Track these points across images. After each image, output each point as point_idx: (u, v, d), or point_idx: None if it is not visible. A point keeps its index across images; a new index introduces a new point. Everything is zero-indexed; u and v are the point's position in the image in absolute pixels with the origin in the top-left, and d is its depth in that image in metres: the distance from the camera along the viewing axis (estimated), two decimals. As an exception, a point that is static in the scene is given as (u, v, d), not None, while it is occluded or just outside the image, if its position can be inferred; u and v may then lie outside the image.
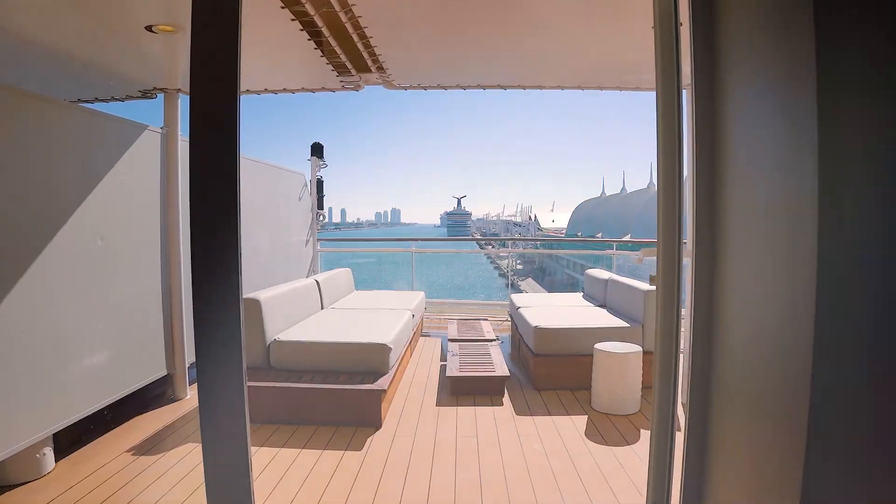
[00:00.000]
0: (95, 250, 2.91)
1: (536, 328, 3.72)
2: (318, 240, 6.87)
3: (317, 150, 6.84)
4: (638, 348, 3.33)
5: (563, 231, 66.74)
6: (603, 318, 4.02)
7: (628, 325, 3.77)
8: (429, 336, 5.54)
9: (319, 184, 6.83)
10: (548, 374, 3.72)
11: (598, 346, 3.38)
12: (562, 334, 3.71)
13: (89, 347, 2.85)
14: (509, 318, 5.96)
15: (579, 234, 57.68)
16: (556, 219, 78.62)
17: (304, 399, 3.10)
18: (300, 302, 4.05)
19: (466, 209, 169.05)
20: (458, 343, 4.48)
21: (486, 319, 5.57)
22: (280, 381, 3.20)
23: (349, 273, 5.77)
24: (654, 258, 1.71)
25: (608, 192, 64.13)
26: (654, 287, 3.66)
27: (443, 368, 4.25)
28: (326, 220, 6.84)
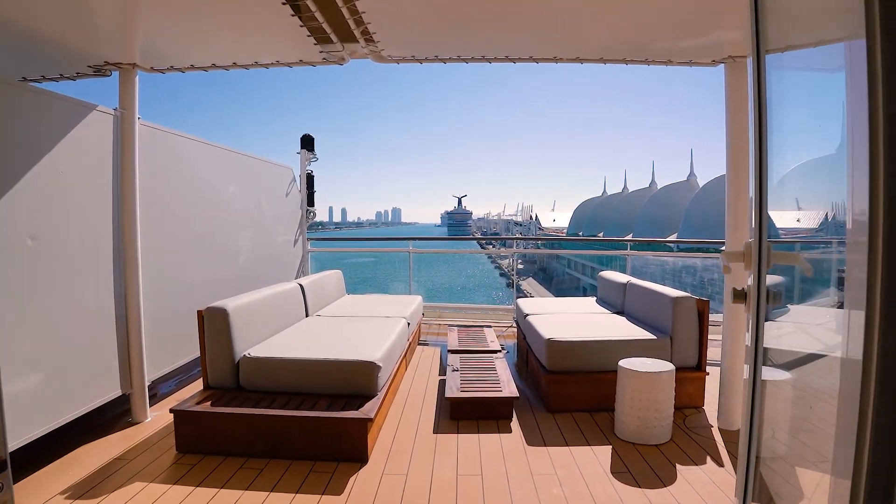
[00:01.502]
0: (23, 252, 2.42)
1: (549, 341, 3.23)
2: (309, 239, 6.39)
3: (307, 142, 6.35)
4: (670, 366, 2.83)
5: (565, 230, 66.12)
6: (624, 329, 3.52)
7: (654, 338, 3.27)
8: (427, 344, 5.04)
9: (310, 179, 6.34)
10: (562, 393, 3.22)
11: (622, 363, 2.89)
12: (579, 348, 3.22)
13: (14, 369, 2.36)
14: (515, 325, 5.47)
15: (580, 233, 57.09)
16: (557, 218, 78.00)
17: (275, 428, 2.61)
18: (280, 310, 3.56)
19: (467, 208, 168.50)
20: (458, 355, 3.98)
21: (490, 326, 5.08)
22: (248, 405, 2.71)
23: (339, 275, 5.27)
24: (738, 264, 1.21)
25: (610, 192, 63.62)
26: (685, 294, 3.16)
27: (441, 384, 3.76)
28: (316, 217, 6.35)
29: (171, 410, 2.71)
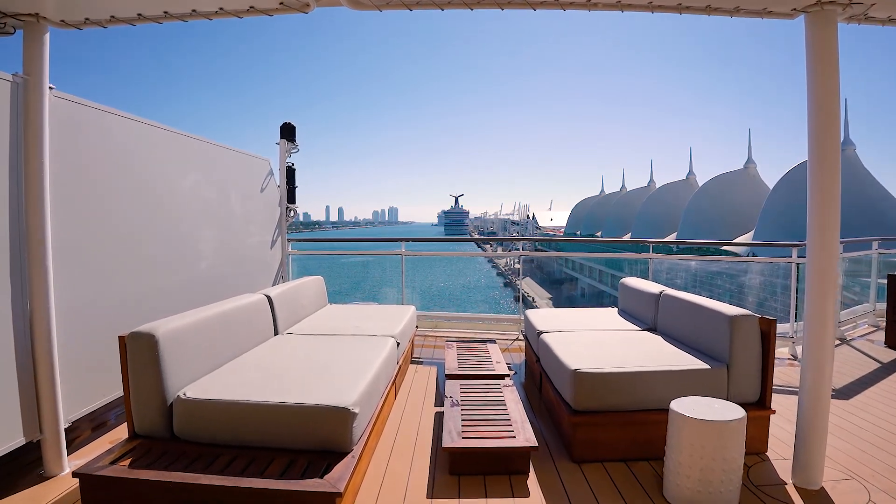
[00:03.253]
0: None
1: (577, 373, 2.54)
2: (289, 240, 5.68)
3: (287, 131, 5.64)
4: (739, 411, 2.15)
5: (562, 230, 65.37)
6: (667, 355, 2.83)
7: (708, 367, 2.59)
8: (420, 363, 4.35)
9: (290, 172, 5.63)
10: (592, 439, 2.54)
11: (675, 405, 2.21)
12: (613, 381, 2.53)
13: None
14: (522, 338, 4.79)
15: (578, 232, 56.36)
16: (554, 217, 77.32)
17: (212, 500, 1.92)
18: (237, 330, 2.85)
19: (464, 208, 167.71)
20: (458, 381, 3.29)
21: (494, 341, 4.39)
22: (179, 465, 2.01)
23: (320, 283, 4.57)
24: None
25: (608, 191, 62.80)
26: (744, 311, 2.48)
27: (438, 419, 3.08)
28: (297, 216, 5.65)
29: (75, 474, 2.01)
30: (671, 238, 35.58)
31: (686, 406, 2.18)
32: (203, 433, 2.18)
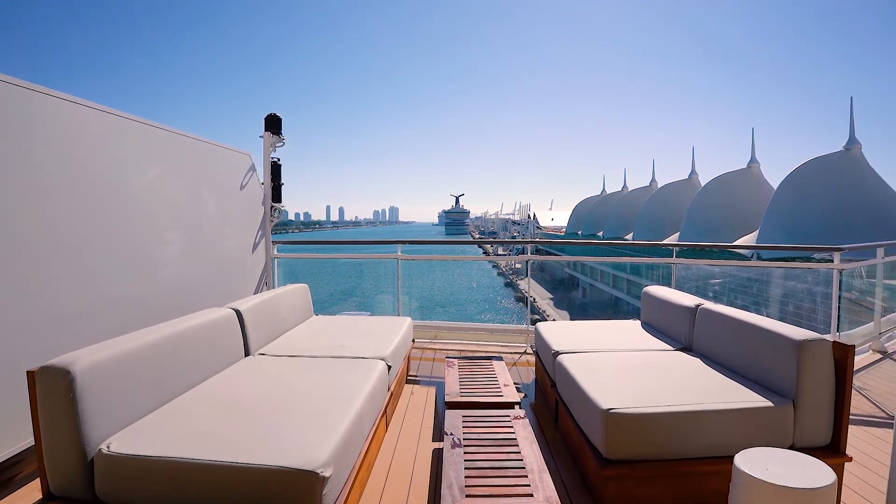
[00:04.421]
0: None
1: (610, 415, 2.03)
2: (275, 243, 5.19)
3: (272, 123, 5.14)
4: (830, 474, 1.65)
5: (563, 230, 64.79)
6: (716, 387, 2.31)
7: (771, 405, 2.09)
8: (417, 383, 3.86)
9: (275, 168, 5.14)
10: (627, 494, 2.04)
11: (742, 461, 1.71)
12: (655, 424, 2.03)
13: None
14: (532, 352, 4.30)
15: (579, 232, 55.79)
16: (555, 217, 76.74)
17: None
18: (191, 356, 2.34)
19: (465, 207, 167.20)
20: (460, 411, 2.79)
21: (500, 358, 3.89)
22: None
23: (305, 291, 4.06)
24: None
25: (609, 190, 62.15)
26: (814, 334, 1.96)
27: (436, 460, 2.58)
28: (282, 216, 5.15)
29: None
30: (672, 238, 35.05)
31: (756, 463, 1.68)
32: (131, 496, 1.68)
